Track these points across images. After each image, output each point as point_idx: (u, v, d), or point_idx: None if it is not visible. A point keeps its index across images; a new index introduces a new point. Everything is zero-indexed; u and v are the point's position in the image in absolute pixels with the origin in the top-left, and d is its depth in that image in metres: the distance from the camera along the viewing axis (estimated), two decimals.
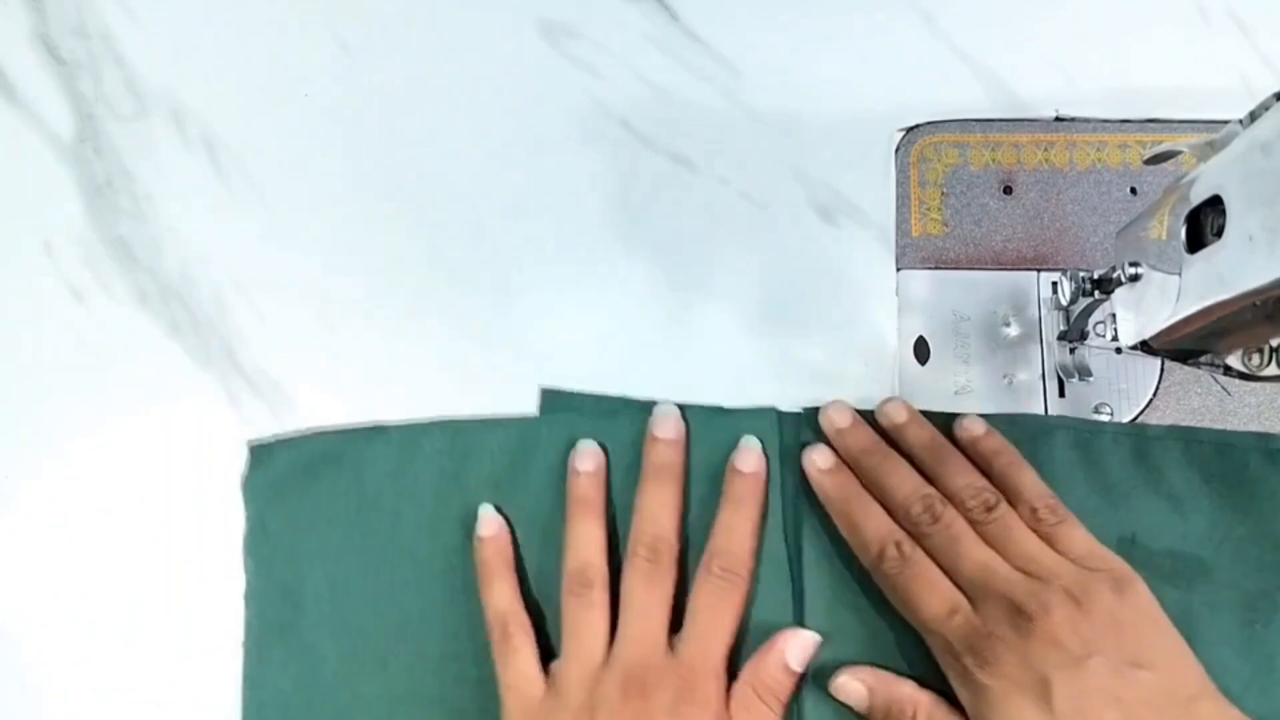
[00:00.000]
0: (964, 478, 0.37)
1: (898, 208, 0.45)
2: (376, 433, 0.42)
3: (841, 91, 0.46)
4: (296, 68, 0.47)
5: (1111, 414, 0.42)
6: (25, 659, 0.43)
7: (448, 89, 0.46)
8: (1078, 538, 0.36)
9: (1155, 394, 0.43)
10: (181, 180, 0.46)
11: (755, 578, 0.39)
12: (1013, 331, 0.44)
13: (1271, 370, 0.36)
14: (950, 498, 0.37)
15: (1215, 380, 0.43)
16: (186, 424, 0.44)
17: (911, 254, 0.45)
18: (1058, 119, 0.45)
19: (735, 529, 0.38)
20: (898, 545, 0.36)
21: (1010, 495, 0.37)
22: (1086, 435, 0.40)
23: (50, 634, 0.43)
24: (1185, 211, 0.31)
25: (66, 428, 0.44)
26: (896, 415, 0.39)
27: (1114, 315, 0.36)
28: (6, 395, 0.45)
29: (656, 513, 0.38)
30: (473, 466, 0.41)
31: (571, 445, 0.40)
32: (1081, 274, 0.37)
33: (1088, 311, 0.39)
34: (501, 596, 0.39)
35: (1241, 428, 0.42)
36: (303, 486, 0.41)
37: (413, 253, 0.45)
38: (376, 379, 0.44)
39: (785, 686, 0.37)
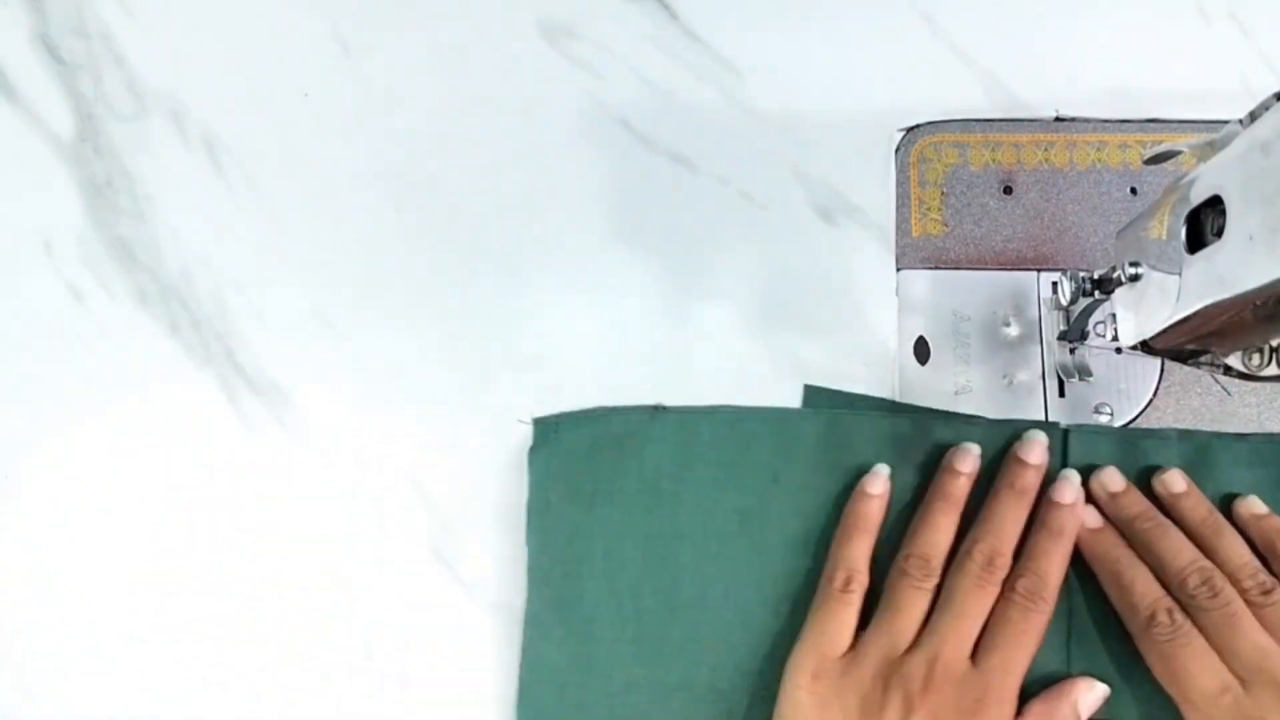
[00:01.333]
0: (1241, 556, 0.37)
1: (898, 208, 0.45)
2: (658, 415, 0.42)
3: (841, 91, 0.46)
4: (296, 68, 0.47)
5: (1112, 414, 0.42)
6: (25, 659, 0.43)
7: (448, 89, 0.46)
8: None
9: (1155, 394, 0.43)
10: (181, 180, 0.46)
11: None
12: (1013, 331, 0.44)
13: (1271, 370, 0.36)
14: (1226, 575, 0.37)
15: (1215, 380, 0.43)
16: (186, 424, 0.44)
17: (911, 254, 0.45)
18: (1058, 119, 0.45)
19: (1049, 555, 0.38)
20: (1169, 612, 0.36)
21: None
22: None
23: (50, 634, 0.43)
24: (1185, 211, 0.31)
25: (66, 427, 0.44)
26: (1175, 485, 0.40)
27: (1114, 315, 0.36)
28: (6, 395, 0.45)
29: (1002, 525, 0.39)
30: (750, 456, 0.41)
31: (839, 441, 0.41)
32: (1081, 274, 0.37)
33: (1088, 311, 0.39)
34: (860, 552, 0.39)
35: (1241, 429, 0.42)
36: (585, 464, 0.41)
37: (412, 253, 0.45)
38: (376, 379, 0.44)
39: None
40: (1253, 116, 0.29)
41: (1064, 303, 0.39)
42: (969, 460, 0.40)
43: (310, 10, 0.47)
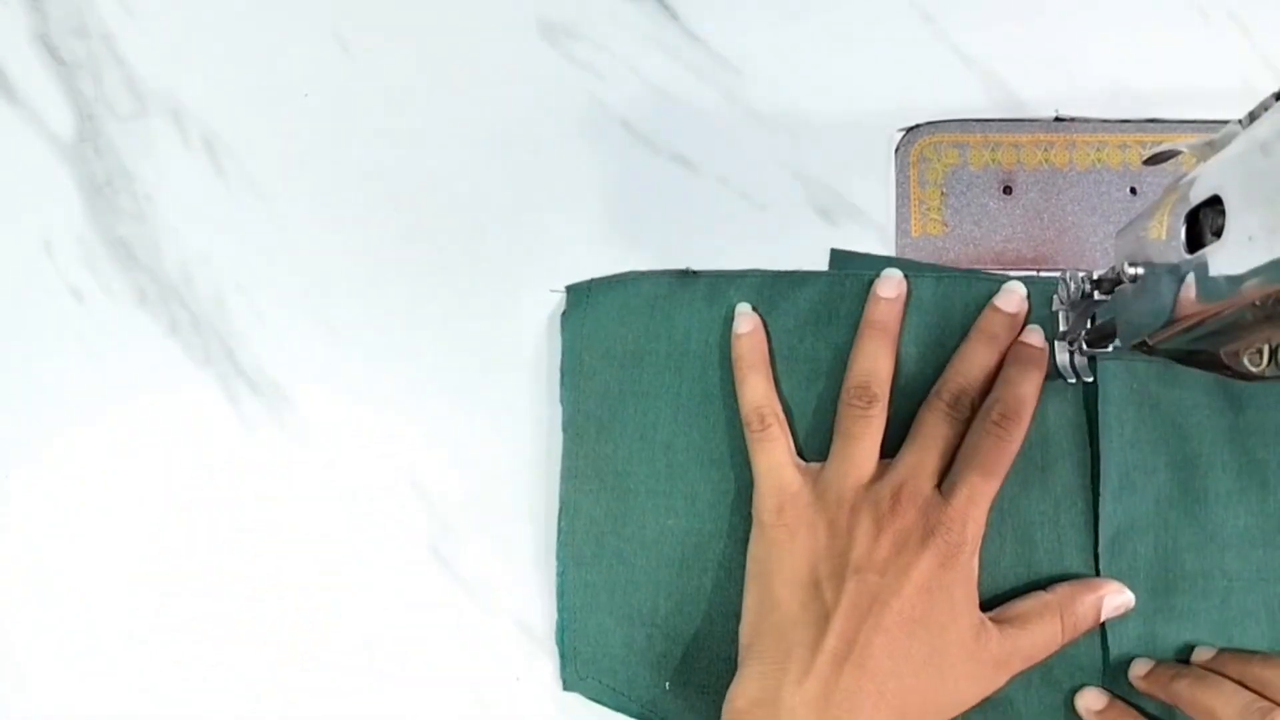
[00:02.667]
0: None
1: (898, 208, 0.45)
2: (687, 279, 0.43)
3: (841, 91, 0.46)
4: (296, 68, 0.47)
5: None
6: (25, 659, 0.43)
7: (448, 89, 0.46)
8: None
9: None
10: (181, 180, 0.46)
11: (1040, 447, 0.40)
12: None
13: (1271, 370, 0.36)
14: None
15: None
16: (186, 424, 0.44)
17: (912, 254, 0.45)
18: (1058, 119, 0.45)
19: (1019, 383, 0.39)
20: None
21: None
22: None
23: (50, 634, 0.43)
24: (1185, 211, 0.31)
25: (66, 427, 0.44)
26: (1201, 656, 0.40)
27: (1114, 315, 0.36)
28: (6, 395, 0.45)
29: (972, 367, 0.40)
30: (778, 318, 0.42)
31: (864, 300, 0.42)
32: (1081, 274, 0.37)
33: (1088, 311, 0.39)
34: (757, 389, 0.41)
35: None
36: (617, 327, 0.43)
37: (412, 252, 0.45)
38: (376, 379, 0.44)
39: (1087, 625, 0.38)
40: (1252, 117, 0.29)
41: (1064, 303, 0.39)
42: (893, 285, 0.41)
43: (310, 10, 0.47)
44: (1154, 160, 0.35)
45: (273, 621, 0.43)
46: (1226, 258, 0.29)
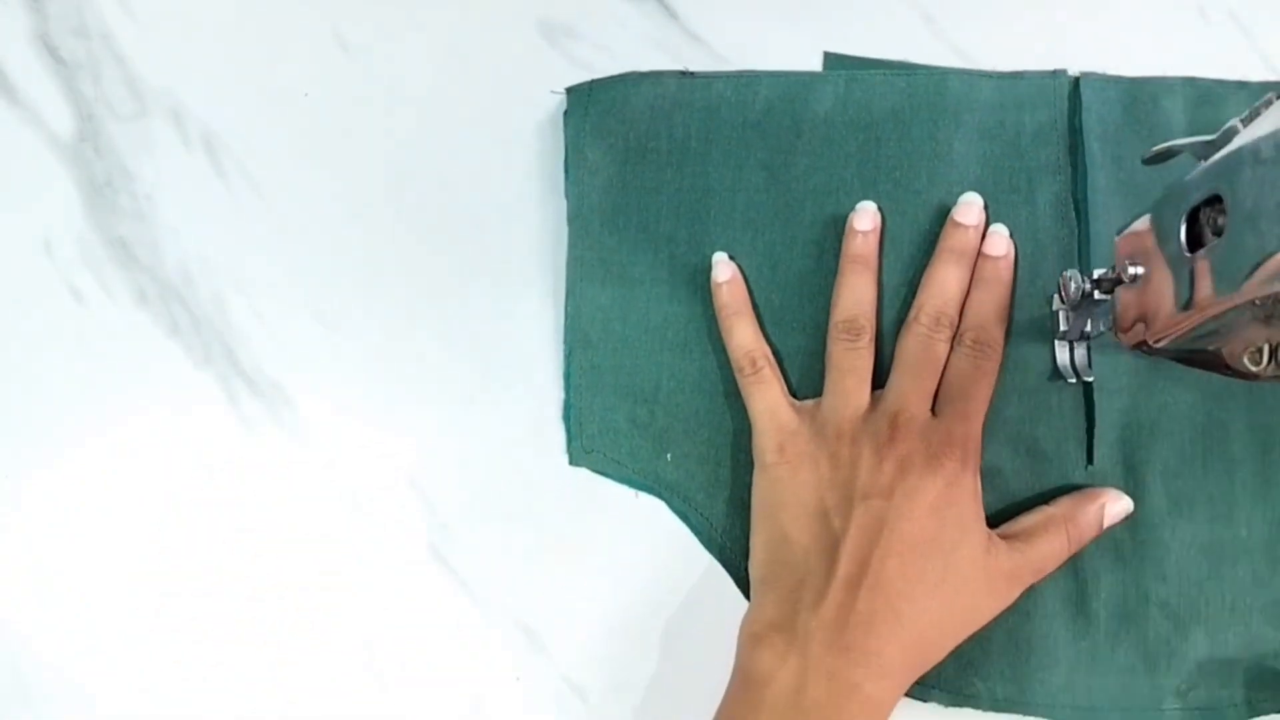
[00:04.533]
0: None
1: None
2: (685, 79, 0.44)
3: None
4: (296, 68, 0.47)
5: None
6: (25, 659, 0.43)
7: (448, 89, 0.46)
8: None
9: None
10: (181, 180, 0.46)
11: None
12: None
13: (1271, 370, 0.36)
14: None
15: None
16: (186, 424, 0.44)
17: None
18: None
19: (988, 304, 0.40)
20: None
21: None
22: None
23: (49, 633, 0.43)
24: (1185, 211, 0.31)
25: (66, 427, 0.44)
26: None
27: (1114, 315, 0.36)
28: (6, 395, 0.45)
29: (945, 287, 0.40)
30: (775, 116, 0.43)
31: (858, 99, 0.43)
32: (1081, 274, 0.37)
33: (1088, 311, 0.39)
34: (745, 333, 0.41)
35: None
36: (618, 124, 0.44)
37: (413, 253, 0.45)
38: (376, 379, 0.44)
39: (1091, 534, 0.39)
40: (1252, 115, 0.29)
41: (1064, 303, 0.39)
42: (867, 218, 0.42)
43: (310, 10, 0.47)
44: (1154, 160, 0.35)
45: (272, 621, 0.43)
46: (1226, 258, 0.29)
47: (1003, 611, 0.38)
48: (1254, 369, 0.34)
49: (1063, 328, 0.40)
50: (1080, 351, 0.41)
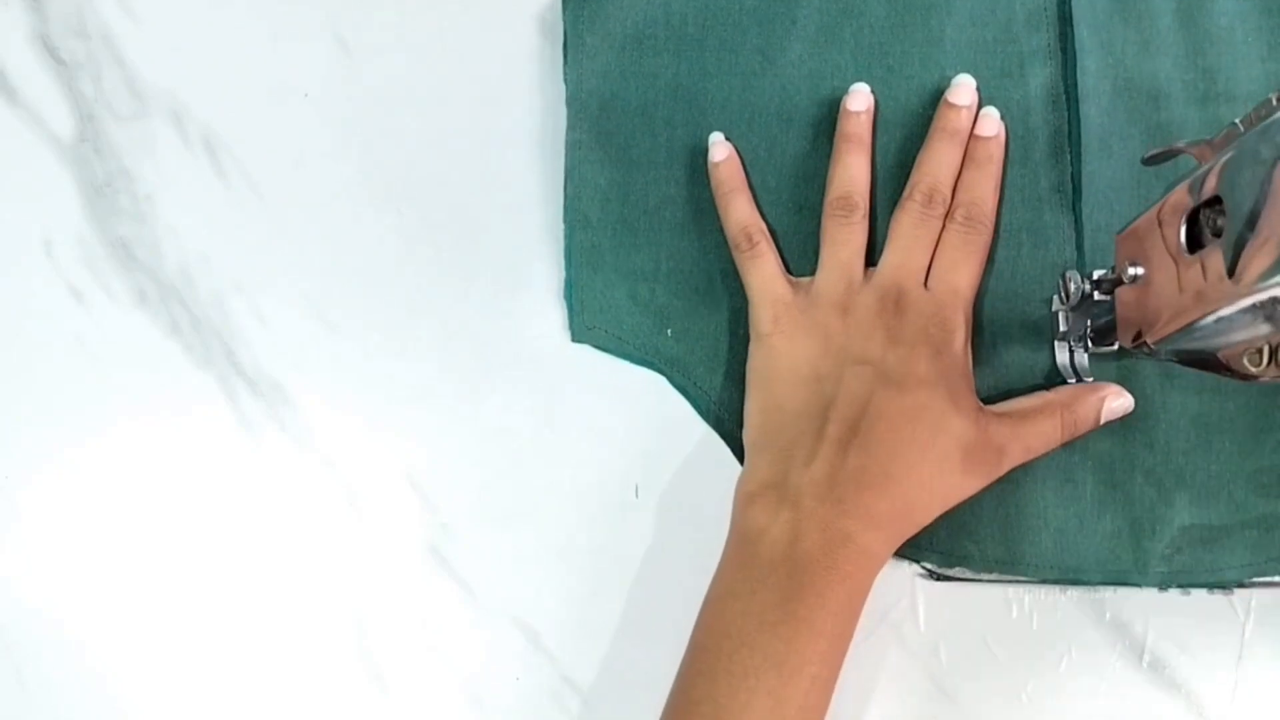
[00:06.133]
0: None
1: None
2: None
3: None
4: (296, 68, 0.47)
5: None
6: (25, 659, 0.43)
7: (447, 89, 0.46)
8: None
9: None
10: (181, 180, 0.46)
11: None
12: None
13: (1272, 370, 0.36)
14: None
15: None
16: (186, 424, 0.44)
17: None
18: None
19: (980, 182, 0.41)
20: None
21: None
22: None
23: (49, 634, 0.43)
24: (1185, 212, 0.31)
25: (66, 428, 0.44)
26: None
27: (1114, 315, 0.36)
28: (6, 395, 0.45)
29: (939, 166, 0.41)
30: (769, 5, 0.44)
31: None
32: (1082, 274, 0.37)
33: (1088, 311, 0.39)
34: (741, 210, 0.42)
35: None
36: (615, 10, 0.45)
37: (412, 253, 0.45)
38: (376, 379, 0.44)
39: (1087, 426, 0.39)
40: (1252, 118, 0.29)
41: (1064, 303, 0.39)
42: (861, 99, 0.42)
43: (310, 10, 0.47)
44: (1154, 160, 0.35)
45: (272, 621, 0.43)
46: (1226, 258, 0.29)
47: (988, 485, 0.39)
48: (1254, 370, 0.34)
49: (1062, 328, 0.40)
50: (1080, 353, 0.41)
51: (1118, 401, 0.40)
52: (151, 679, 0.43)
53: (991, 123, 0.42)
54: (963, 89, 0.42)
